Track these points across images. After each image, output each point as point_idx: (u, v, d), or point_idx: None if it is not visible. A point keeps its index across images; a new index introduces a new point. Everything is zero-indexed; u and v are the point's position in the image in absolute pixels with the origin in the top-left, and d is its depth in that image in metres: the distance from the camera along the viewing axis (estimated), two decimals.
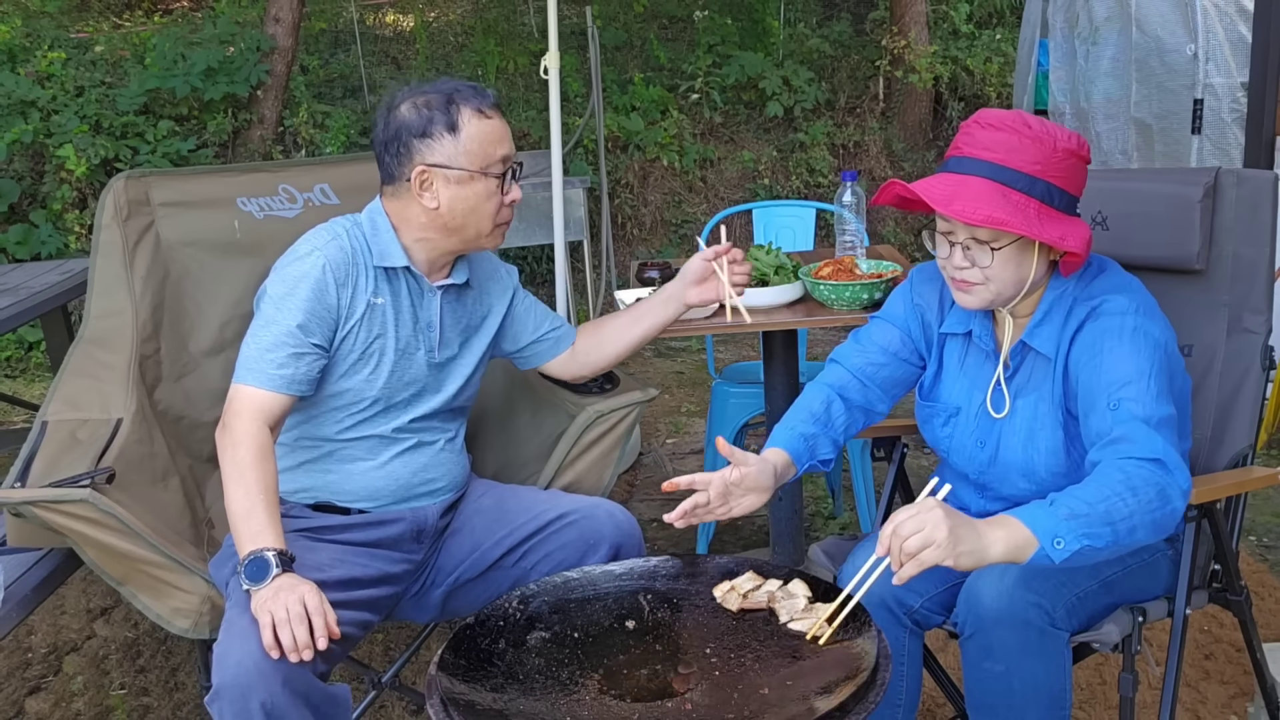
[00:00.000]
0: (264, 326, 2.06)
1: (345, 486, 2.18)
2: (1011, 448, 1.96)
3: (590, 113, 5.44)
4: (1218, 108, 4.50)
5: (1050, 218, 1.81)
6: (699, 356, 5.70)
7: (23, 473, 2.17)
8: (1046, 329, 1.92)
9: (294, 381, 2.05)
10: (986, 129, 1.83)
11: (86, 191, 6.01)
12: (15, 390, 5.43)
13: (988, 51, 7.75)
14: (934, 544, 1.54)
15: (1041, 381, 1.94)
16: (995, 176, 1.80)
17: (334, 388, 2.13)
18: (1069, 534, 1.58)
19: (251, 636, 1.83)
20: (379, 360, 2.14)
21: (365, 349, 2.12)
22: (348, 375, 2.13)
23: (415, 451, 2.21)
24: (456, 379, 2.25)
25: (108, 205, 2.59)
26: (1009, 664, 1.81)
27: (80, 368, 2.46)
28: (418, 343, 2.18)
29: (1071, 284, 1.93)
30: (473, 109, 2.06)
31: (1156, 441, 1.69)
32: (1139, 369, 1.78)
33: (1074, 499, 1.61)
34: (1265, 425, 3.77)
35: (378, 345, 2.14)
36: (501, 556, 2.23)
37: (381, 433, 2.17)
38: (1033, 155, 1.80)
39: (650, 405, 2.57)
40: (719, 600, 1.78)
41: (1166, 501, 1.66)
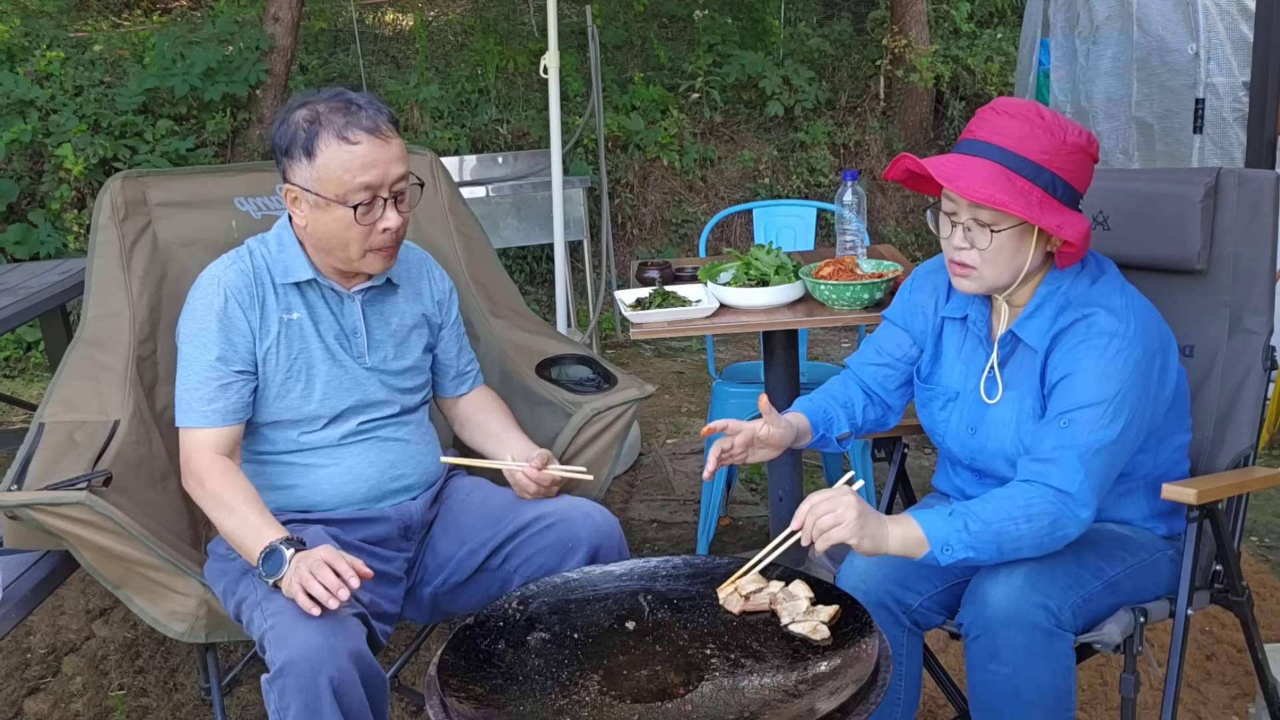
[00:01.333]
0: (186, 367, 2.12)
1: (314, 497, 2.18)
2: (999, 437, 1.98)
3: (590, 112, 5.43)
4: (1219, 107, 4.50)
5: (1051, 207, 1.84)
6: (699, 356, 5.70)
7: (19, 475, 2.16)
8: (1036, 322, 1.94)
9: (229, 412, 2.10)
10: (1001, 115, 1.86)
11: (85, 191, 6.00)
12: (14, 390, 5.42)
13: (989, 51, 7.74)
14: (843, 524, 1.73)
15: (1029, 374, 1.96)
16: (1003, 161, 1.83)
17: (273, 410, 2.15)
18: (958, 545, 1.78)
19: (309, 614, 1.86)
20: (308, 375, 2.15)
21: (290, 367, 2.14)
22: (281, 396, 2.15)
23: (376, 452, 2.21)
24: (400, 379, 2.24)
25: (105, 205, 2.58)
26: (1015, 666, 1.81)
27: (78, 369, 2.45)
28: (346, 350, 2.18)
29: (1067, 282, 1.93)
30: (334, 134, 2.00)
31: (1076, 474, 1.81)
32: (1101, 394, 1.83)
33: (973, 516, 1.79)
34: (1267, 425, 3.76)
35: (302, 361, 2.15)
36: (486, 559, 2.22)
37: (333, 441, 2.18)
38: (1042, 145, 1.83)
39: (650, 405, 2.57)
40: (721, 602, 1.78)
41: (1058, 529, 1.81)
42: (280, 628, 1.87)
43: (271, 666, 1.86)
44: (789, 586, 1.78)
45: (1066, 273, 1.94)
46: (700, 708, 1.53)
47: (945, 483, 2.17)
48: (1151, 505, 2.03)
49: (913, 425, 2.38)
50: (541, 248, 6.32)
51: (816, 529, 1.74)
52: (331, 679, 1.82)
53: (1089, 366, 1.85)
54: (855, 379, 2.21)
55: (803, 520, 1.75)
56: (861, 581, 2.00)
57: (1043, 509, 1.80)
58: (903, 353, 2.16)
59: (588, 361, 2.66)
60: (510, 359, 2.63)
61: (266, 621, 1.91)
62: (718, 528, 3.47)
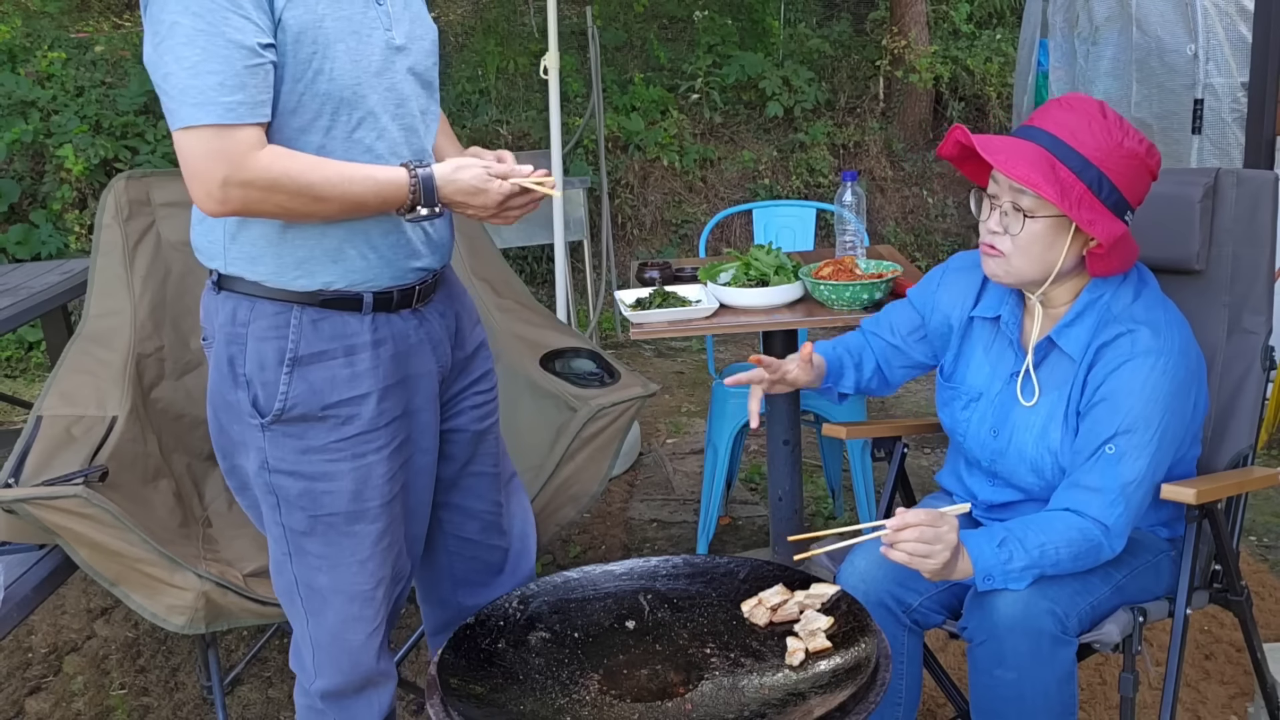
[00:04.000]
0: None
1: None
2: (1024, 442, 1.97)
3: (590, 113, 5.43)
4: (1218, 108, 4.50)
5: (1090, 205, 1.82)
6: (699, 356, 5.70)
7: (16, 468, 2.17)
8: (1077, 331, 1.92)
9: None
10: (1064, 107, 1.86)
11: (86, 191, 6.01)
12: (15, 390, 5.43)
13: (988, 51, 7.75)
14: (931, 560, 1.70)
15: (1062, 382, 1.94)
16: (1052, 148, 1.83)
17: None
18: (999, 576, 1.79)
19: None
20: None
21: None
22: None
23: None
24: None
25: (108, 205, 2.59)
26: (1021, 671, 1.81)
27: (77, 364, 2.46)
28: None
29: (1110, 293, 1.92)
30: None
31: (1118, 507, 1.82)
32: (1146, 418, 1.83)
33: (1020, 548, 1.79)
34: (1265, 425, 3.77)
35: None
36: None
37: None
38: (1097, 142, 1.82)
39: (650, 405, 2.58)
40: (746, 615, 1.75)
41: (1091, 558, 1.83)
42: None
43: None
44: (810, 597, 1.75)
45: (1109, 284, 1.92)
46: (700, 707, 1.53)
47: (954, 482, 2.16)
48: (1158, 512, 2.03)
49: (912, 425, 2.39)
50: (542, 248, 6.32)
51: (906, 549, 1.70)
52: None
53: (1134, 388, 1.83)
54: (868, 344, 2.24)
55: (900, 534, 1.70)
56: (861, 581, 2.00)
57: (1085, 546, 1.81)
58: (911, 332, 2.18)
59: (592, 355, 2.67)
60: (514, 350, 2.64)
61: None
62: (718, 527, 3.47)
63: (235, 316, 1.75)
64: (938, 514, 1.72)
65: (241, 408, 1.77)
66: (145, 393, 2.58)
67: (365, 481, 1.80)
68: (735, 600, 1.78)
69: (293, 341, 1.74)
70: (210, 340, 1.81)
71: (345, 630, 1.88)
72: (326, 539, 1.82)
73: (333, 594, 1.85)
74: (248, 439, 1.80)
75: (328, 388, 1.76)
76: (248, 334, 1.74)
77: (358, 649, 1.89)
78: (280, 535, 1.85)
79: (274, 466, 1.79)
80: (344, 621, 1.87)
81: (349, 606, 1.86)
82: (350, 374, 1.76)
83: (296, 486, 1.79)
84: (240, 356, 1.75)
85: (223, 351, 1.77)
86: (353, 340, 1.77)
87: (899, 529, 1.70)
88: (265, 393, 1.75)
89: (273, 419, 1.76)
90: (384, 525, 1.85)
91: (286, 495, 1.80)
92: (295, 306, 1.74)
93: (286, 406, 1.75)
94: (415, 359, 1.85)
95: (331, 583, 1.85)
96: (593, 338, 5.17)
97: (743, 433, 3.36)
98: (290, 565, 1.86)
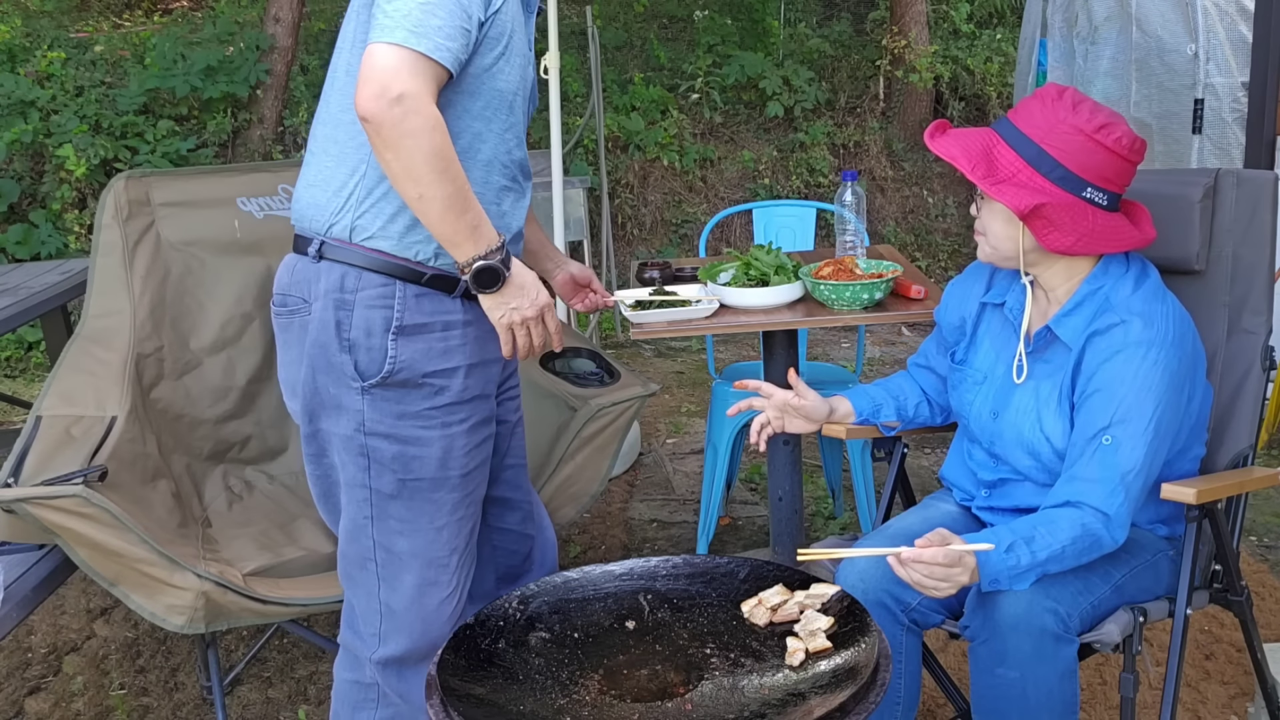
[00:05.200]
0: None
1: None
2: (1019, 424, 2.00)
3: (590, 113, 5.43)
4: (1218, 107, 4.50)
5: (1015, 178, 1.87)
6: (699, 356, 5.70)
7: (16, 467, 2.17)
8: (1074, 320, 1.95)
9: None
10: (1031, 96, 1.94)
11: (86, 191, 6.01)
12: (15, 390, 5.43)
13: (988, 51, 7.75)
14: (934, 593, 1.73)
15: (1057, 369, 1.97)
16: (1000, 130, 1.92)
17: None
18: (1005, 580, 1.80)
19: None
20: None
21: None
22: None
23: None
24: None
25: (108, 205, 2.59)
26: (1023, 671, 1.82)
27: (77, 364, 2.46)
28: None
29: (1110, 283, 1.94)
30: None
31: (1117, 498, 1.83)
32: (1140, 409, 1.85)
33: (1025, 551, 1.79)
34: (1265, 425, 3.77)
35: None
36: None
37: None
38: (1038, 120, 1.89)
39: (650, 405, 2.58)
40: (746, 615, 1.75)
41: (1095, 551, 1.85)
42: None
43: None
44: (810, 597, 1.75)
45: (1109, 274, 1.95)
46: (700, 707, 1.53)
47: (957, 470, 2.18)
48: (1157, 510, 2.04)
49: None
50: None
51: (913, 577, 1.72)
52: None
53: (1127, 378, 1.85)
54: (911, 377, 2.30)
55: (913, 565, 1.71)
56: (860, 580, 2.00)
57: (1088, 541, 1.82)
58: (941, 355, 2.23)
59: (592, 355, 2.67)
60: None
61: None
62: (718, 527, 3.47)
63: (344, 284, 1.85)
64: (957, 555, 1.72)
65: (344, 370, 1.87)
66: (145, 393, 2.59)
67: (450, 451, 1.92)
68: (735, 600, 1.78)
69: (399, 312, 1.85)
70: (297, 309, 1.91)
71: (423, 594, 1.97)
72: (410, 503, 1.93)
73: (411, 558, 1.95)
74: (345, 401, 1.89)
75: (425, 358, 1.87)
76: (355, 300, 1.85)
77: (431, 613, 1.98)
78: (365, 498, 1.93)
79: (370, 429, 1.89)
80: (421, 585, 1.96)
81: (426, 571, 1.96)
82: (445, 347, 1.89)
83: (391, 449, 1.89)
84: (347, 321, 1.86)
85: (329, 316, 1.86)
86: (449, 317, 1.89)
87: (913, 560, 1.71)
88: (369, 357, 1.86)
89: (378, 382, 1.86)
90: (460, 496, 1.96)
91: (380, 457, 1.90)
92: (398, 281, 1.85)
93: (394, 370, 1.86)
94: (491, 344, 1.96)
95: (410, 547, 1.94)
96: (593, 338, 5.17)
97: (743, 433, 3.36)
98: (371, 529, 1.95)
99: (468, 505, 1.99)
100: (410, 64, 1.69)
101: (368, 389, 1.87)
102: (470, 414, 1.95)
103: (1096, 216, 1.89)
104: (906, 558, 1.71)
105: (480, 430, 1.98)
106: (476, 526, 2.05)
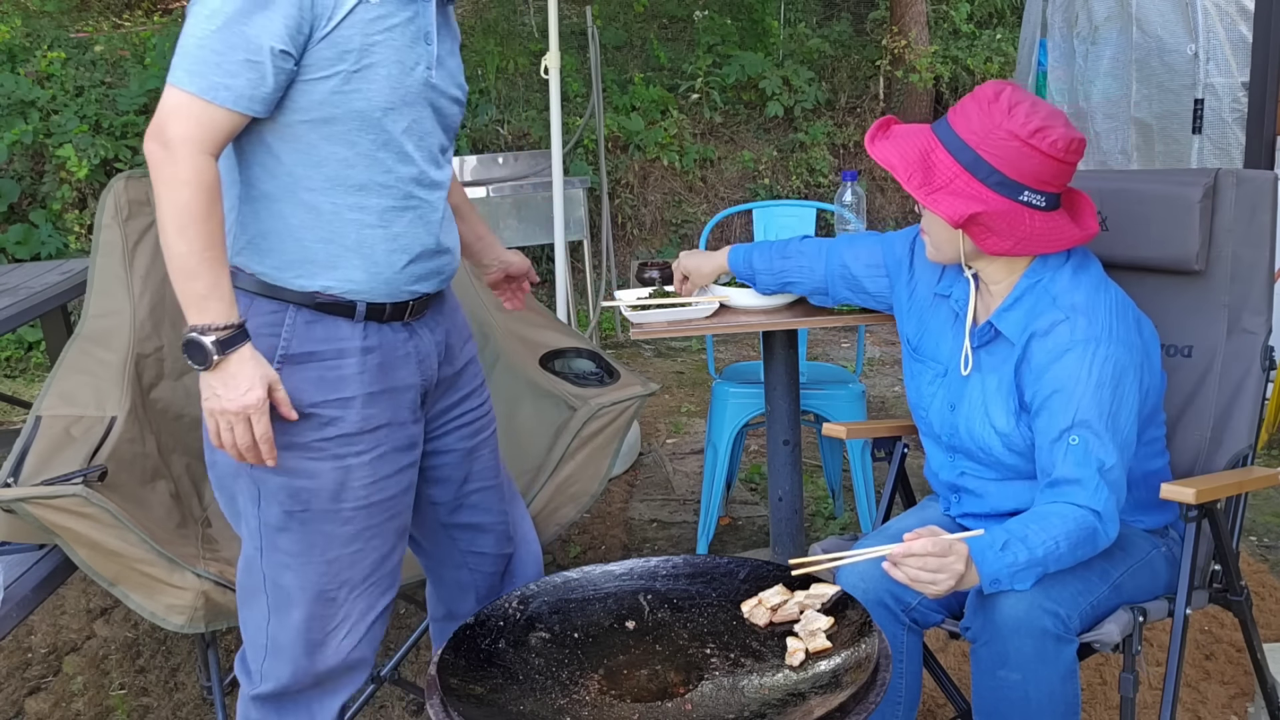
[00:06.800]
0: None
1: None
2: (970, 416, 2.02)
3: (590, 113, 5.43)
4: (1218, 107, 4.50)
5: (952, 185, 1.88)
6: (699, 356, 5.70)
7: (16, 467, 2.18)
8: (1015, 315, 1.96)
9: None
10: (970, 96, 1.94)
11: (86, 192, 6.01)
12: (15, 390, 5.43)
13: (988, 51, 7.75)
14: (933, 588, 1.70)
15: (1003, 362, 1.98)
16: (938, 133, 1.93)
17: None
18: (1006, 579, 1.78)
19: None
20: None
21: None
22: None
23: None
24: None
25: (108, 205, 2.59)
26: (1025, 672, 1.82)
27: (76, 364, 2.46)
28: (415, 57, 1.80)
29: (1049, 275, 1.96)
30: None
31: (1102, 493, 1.83)
32: (1100, 410, 1.86)
33: (1022, 547, 1.78)
34: (1265, 425, 3.77)
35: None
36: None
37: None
38: (974, 124, 1.89)
39: (650, 405, 2.58)
40: (746, 615, 1.75)
41: (1092, 545, 1.84)
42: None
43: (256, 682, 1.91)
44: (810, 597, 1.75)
45: (1049, 265, 1.96)
46: (700, 707, 1.53)
47: (929, 469, 2.19)
48: (1134, 497, 2.04)
49: (913, 425, 2.39)
50: (542, 248, 6.33)
51: (908, 574, 1.70)
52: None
53: (1081, 376, 1.86)
54: (825, 254, 2.37)
55: (905, 559, 1.70)
56: (861, 580, 2.00)
57: (1082, 535, 1.81)
58: (872, 264, 2.28)
59: (592, 355, 2.67)
60: (514, 351, 2.64)
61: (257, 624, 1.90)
62: (718, 527, 3.47)
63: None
64: (946, 543, 1.71)
65: None
66: (144, 393, 2.59)
67: (344, 484, 1.82)
68: (735, 600, 1.78)
69: (285, 340, 1.76)
70: None
71: (309, 629, 1.88)
72: (299, 536, 1.84)
73: (299, 591, 1.86)
74: None
75: (313, 387, 1.78)
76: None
77: (316, 646, 1.89)
78: (255, 529, 1.86)
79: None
80: (308, 620, 1.87)
81: (313, 605, 1.86)
82: (337, 376, 1.80)
83: (276, 480, 1.81)
84: None
85: None
86: (344, 344, 1.80)
87: (904, 555, 1.70)
88: None
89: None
90: (357, 529, 1.85)
91: (267, 489, 1.82)
92: (291, 306, 1.77)
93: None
94: (400, 371, 1.87)
95: (299, 580, 1.86)
96: (593, 338, 5.17)
97: (743, 433, 3.36)
98: (260, 561, 1.87)
99: (369, 538, 1.87)
100: (184, 107, 1.63)
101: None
102: (375, 445, 1.83)
103: (1035, 219, 1.89)
104: (897, 554, 1.70)
105: (391, 460, 1.86)
106: (389, 557, 1.93)
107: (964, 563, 1.71)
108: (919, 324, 2.16)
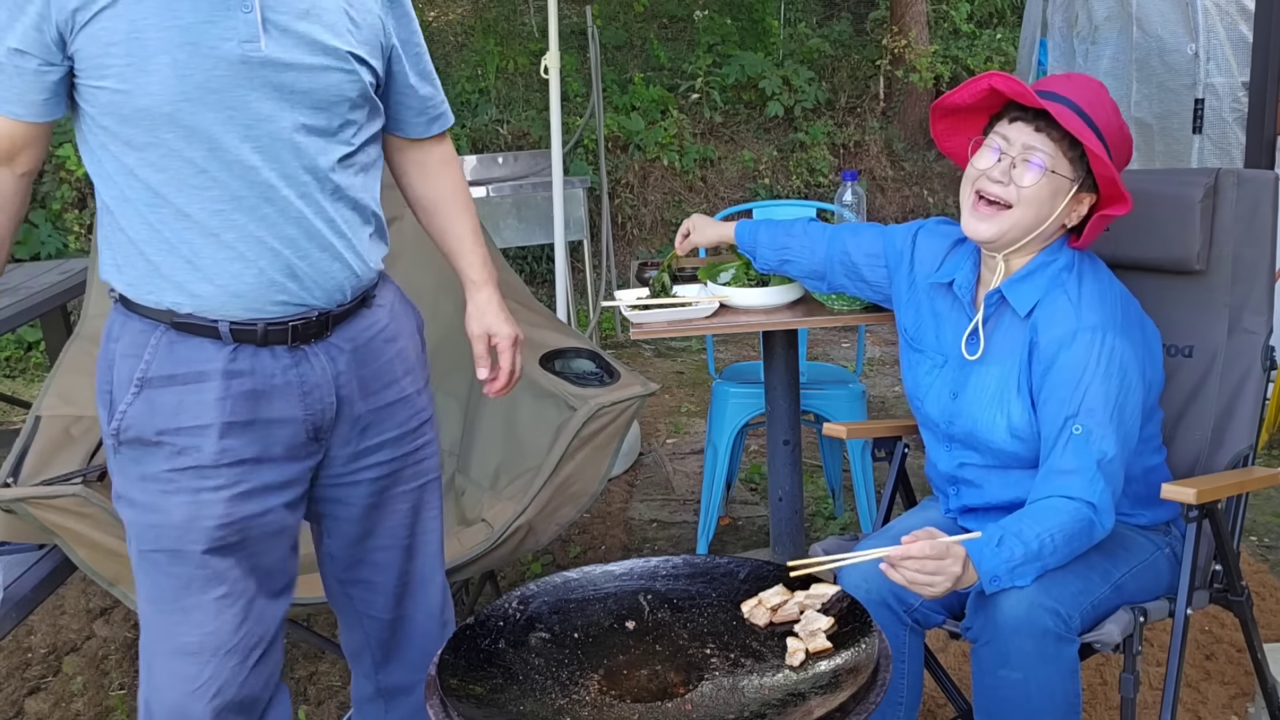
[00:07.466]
0: None
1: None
2: (977, 401, 2.01)
3: (590, 113, 5.43)
4: (1219, 107, 4.50)
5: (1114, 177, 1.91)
6: (699, 356, 5.70)
7: (15, 468, 2.18)
8: (1026, 287, 1.97)
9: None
10: (1074, 81, 1.94)
11: (86, 191, 6.01)
12: (14, 390, 5.43)
13: (988, 51, 7.76)
14: (930, 590, 1.71)
15: (1014, 342, 1.98)
16: (1083, 113, 1.90)
17: None
18: (1005, 576, 1.79)
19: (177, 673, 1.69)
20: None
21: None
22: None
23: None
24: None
25: None
26: (1026, 672, 1.82)
27: (76, 364, 2.46)
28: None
29: (1062, 261, 1.97)
30: None
31: (1098, 486, 1.85)
32: (1107, 399, 1.87)
33: (1020, 543, 1.79)
34: (1266, 425, 3.77)
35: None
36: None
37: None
38: (1107, 116, 1.92)
39: (650, 405, 2.58)
40: (746, 615, 1.74)
41: (1088, 538, 1.85)
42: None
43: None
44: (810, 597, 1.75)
45: (1064, 250, 1.98)
46: (700, 707, 1.53)
47: (929, 464, 2.19)
48: (1132, 493, 2.04)
49: (913, 425, 2.39)
50: (542, 248, 6.33)
51: (905, 576, 1.70)
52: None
53: (1090, 365, 1.87)
54: (828, 239, 2.37)
55: (902, 561, 1.69)
56: (863, 580, 2.00)
57: (1077, 528, 1.82)
58: (871, 254, 2.28)
59: (591, 355, 2.67)
60: None
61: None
62: (718, 528, 3.47)
63: (110, 331, 1.68)
64: (944, 545, 1.71)
65: (105, 426, 1.68)
66: None
67: (195, 520, 1.64)
68: (735, 600, 1.78)
69: (146, 362, 1.63)
70: None
71: (171, 687, 1.69)
72: (151, 579, 1.68)
73: (159, 641, 1.70)
74: (110, 462, 1.71)
75: (168, 413, 1.63)
76: (115, 351, 1.67)
77: (182, 710, 1.69)
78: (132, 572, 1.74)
79: (119, 492, 1.69)
80: (169, 677, 1.69)
81: (171, 661, 1.69)
82: (195, 401, 1.63)
83: (130, 514, 1.68)
84: (107, 375, 1.67)
85: (100, 367, 1.70)
86: (206, 366, 1.63)
87: (901, 558, 1.70)
88: (111, 413, 1.67)
89: (114, 441, 1.66)
90: (210, 575, 1.66)
91: (129, 524, 1.69)
92: (160, 326, 1.64)
93: (122, 427, 1.64)
94: (276, 402, 1.67)
95: (160, 627, 1.69)
96: (593, 338, 5.17)
97: (743, 433, 3.36)
98: (139, 607, 1.74)
99: (231, 585, 1.67)
100: None
101: (116, 448, 1.66)
102: (235, 480, 1.65)
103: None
104: (894, 556, 1.71)
105: (256, 500, 1.67)
106: (267, 616, 1.74)
107: (961, 564, 1.71)
108: (917, 315, 2.16)
